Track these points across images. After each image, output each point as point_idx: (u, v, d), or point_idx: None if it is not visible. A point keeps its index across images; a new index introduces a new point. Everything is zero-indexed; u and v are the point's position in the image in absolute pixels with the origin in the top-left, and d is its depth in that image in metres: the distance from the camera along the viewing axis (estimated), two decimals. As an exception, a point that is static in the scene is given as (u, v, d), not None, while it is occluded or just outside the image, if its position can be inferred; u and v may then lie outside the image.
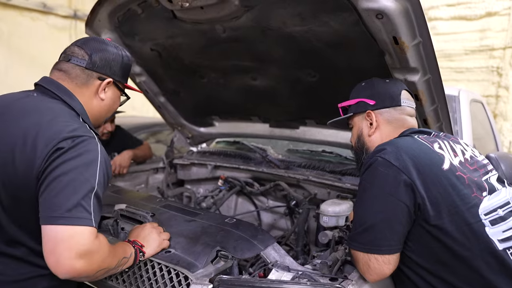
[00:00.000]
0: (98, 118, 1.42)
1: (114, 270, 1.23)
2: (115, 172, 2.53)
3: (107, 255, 1.15)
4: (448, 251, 1.14)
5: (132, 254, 1.30)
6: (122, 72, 1.43)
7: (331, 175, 2.19)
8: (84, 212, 1.09)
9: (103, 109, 1.42)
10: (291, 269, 1.29)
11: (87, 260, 1.07)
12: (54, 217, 1.07)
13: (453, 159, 1.25)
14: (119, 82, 1.43)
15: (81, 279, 1.15)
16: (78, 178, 1.10)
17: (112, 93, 1.42)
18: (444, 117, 1.76)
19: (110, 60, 1.38)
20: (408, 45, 1.46)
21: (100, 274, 1.17)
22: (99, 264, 1.12)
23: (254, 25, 1.77)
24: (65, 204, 1.07)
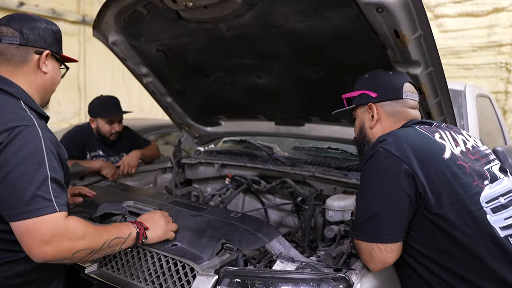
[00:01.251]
0: (44, 93, 1.40)
1: (102, 251, 1.25)
2: (123, 171, 2.57)
3: (81, 236, 1.17)
4: (450, 239, 1.15)
5: (132, 234, 1.32)
6: (56, 42, 1.40)
7: (337, 171, 2.20)
8: (43, 202, 1.12)
9: (48, 83, 1.39)
10: (295, 260, 1.30)
11: (56, 244, 1.11)
12: (15, 214, 1.11)
13: (454, 148, 1.25)
14: (56, 53, 1.40)
15: (61, 261, 1.18)
16: (27, 172, 1.12)
17: (53, 65, 1.39)
18: (448, 110, 1.77)
19: (42, 32, 1.34)
20: (409, 38, 1.47)
21: (82, 255, 1.20)
22: (71, 246, 1.15)
23: (257, 23, 1.79)
24: (22, 199, 1.11)
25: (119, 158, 2.72)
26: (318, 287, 1.15)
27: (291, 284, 1.18)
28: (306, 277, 1.18)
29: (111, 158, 2.71)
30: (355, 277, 1.18)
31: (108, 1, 2.05)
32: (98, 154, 2.67)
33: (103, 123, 2.64)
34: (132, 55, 2.40)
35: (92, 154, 2.65)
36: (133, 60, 2.43)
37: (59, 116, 6.17)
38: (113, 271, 1.48)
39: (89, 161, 2.54)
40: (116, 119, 2.66)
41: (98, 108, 2.65)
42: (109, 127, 2.64)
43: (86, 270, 1.50)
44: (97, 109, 2.66)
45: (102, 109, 2.64)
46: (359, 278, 1.18)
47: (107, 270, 1.49)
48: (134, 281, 1.41)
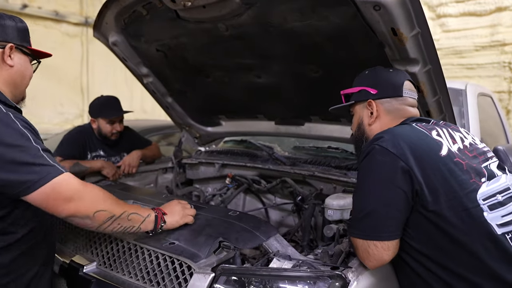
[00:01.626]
0: (14, 87, 1.39)
1: (122, 221, 1.31)
2: (124, 171, 2.58)
3: (101, 198, 1.29)
4: (446, 237, 1.14)
5: (150, 216, 1.39)
6: (21, 35, 1.39)
7: (336, 170, 2.19)
8: (48, 168, 1.20)
9: (16, 76, 1.39)
10: (292, 258, 1.30)
11: (77, 201, 1.22)
12: (28, 187, 1.17)
13: (451, 145, 1.25)
14: (22, 46, 1.40)
15: (85, 221, 1.25)
16: (19, 150, 1.18)
17: (19, 58, 1.39)
18: (447, 108, 1.76)
19: (5, 26, 1.35)
20: (406, 36, 1.47)
21: (103, 217, 1.27)
22: (92, 204, 1.25)
23: (255, 22, 1.80)
24: (30, 176, 1.17)
25: (120, 158, 2.73)
26: (314, 284, 1.15)
27: (288, 281, 1.18)
28: (303, 274, 1.18)
29: (112, 158, 2.72)
30: (351, 275, 1.18)
31: (108, 1, 2.06)
32: (99, 154, 2.68)
33: (104, 123, 2.65)
34: (132, 56, 2.41)
35: (93, 154, 2.66)
36: (133, 60, 2.44)
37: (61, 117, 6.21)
38: (111, 269, 1.48)
39: (90, 161, 2.55)
40: (117, 119, 2.67)
41: (99, 108, 2.66)
42: (110, 127, 2.65)
43: (85, 269, 1.50)
44: (98, 109, 2.67)
45: (103, 109, 2.65)
46: (355, 276, 1.18)
47: (105, 269, 1.50)
48: (132, 279, 1.41)
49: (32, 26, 5.95)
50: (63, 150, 2.53)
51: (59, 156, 2.46)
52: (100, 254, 1.54)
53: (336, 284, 1.15)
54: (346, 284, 1.16)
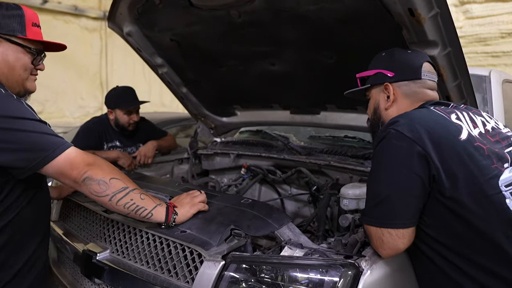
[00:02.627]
0: (5, 78, 1.34)
1: (134, 197, 1.35)
2: (140, 162, 2.59)
3: (114, 169, 1.37)
4: (465, 224, 1.09)
5: (162, 205, 1.41)
6: (10, 24, 1.31)
7: (353, 160, 2.14)
8: (61, 139, 1.27)
9: (2, 67, 1.32)
10: (304, 247, 1.27)
11: (95, 166, 1.31)
12: (45, 157, 1.21)
13: (471, 129, 1.19)
14: (9, 35, 1.31)
15: (102, 188, 1.30)
16: (28, 125, 1.21)
17: (6, 48, 1.31)
18: (468, 93, 1.68)
19: None
20: (424, 17, 1.40)
21: (118, 185, 1.33)
22: (109, 170, 1.34)
23: (268, 7, 1.76)
24: (43, 144, 1.22)
25: (136, 149, 2.75)
26: (326, 273, 1.12)
27: (299, 269, 1.15)
28: (314, 263, 1.15)
29: (128, 148, 2.74)
30: (365, 264, 1.14)
31: (122, -9, 2.06)
32: (115, 145, 2.70)
33: (121, 114, 2.66)
34: (146, 46, 2.41)
35: (109, 145, 2.69)
36: (147, 50, 2.43)
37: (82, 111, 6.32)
38: (123, 257, 1.49)
39: (106, 152, 2.57)
40: (134, 110, 2.68)
41: (116, 99, 2.68)
42: (127, 118, 2.67)
43: (98, 256, 1.51)
44: (114, 101, 2.68)
45: (120, 100, 2.67)
46: (369, 265, 1.14)
47: (118, 256, 1.51)
48: (144, 266, 1.41)
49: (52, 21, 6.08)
50: (79, 141, 2.55)
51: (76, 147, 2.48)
52: (113, 242, 1.54)
53: (348, 272, 1.11)
54: (359, 273, 1.12)
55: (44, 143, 1.23)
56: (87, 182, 1.28)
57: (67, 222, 1.90)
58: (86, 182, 1.28)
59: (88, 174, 1.28)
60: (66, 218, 1.92)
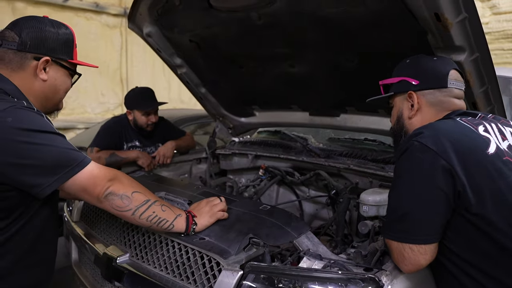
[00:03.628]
0: (45, 100, 1.36)
1: (156, 209, 1.35)
2: (159, 162, 2.61)
3: (135, 182, 1.36)
4: (492, 243, 1.05)
5: (182, 215, 1.41)
6: (61, 48, 1.32)
7: (373, 164, 2.10)
8: (81, 154, 1.24)
9: (48, 90, 1.34)
10: (323, 258, 1.25)
11: (116, 181, 1.30)
12: (66, 172, 1.20)
13: (500, 142, 1.14)
14: (61, 60, 1.34)
15: (125, 203, 1.29)
16: (48, 140, 1.19)
17: (56, 72, 1.34)
18: (496, 99, 1.63)
19: (44, 38, 1.28)
20: (452, 22, 1.35)
21: (140, 199, 1.32)
22: (129, 184, 1.33)
23: (288, 10, 1.74)
24: (64, 160, 1.21)
25: (155, 149, 2.77)
26: (346, 287, 1.10)
27: (318, 283, 1.13)
28: (333, 276, 1.13)
29: (147, 148, 2.76)
30: (385, 278, 1.12)
31: (142, -7, 2.07)
32: (134, 145, 2.73)
33: (140, 114, 2.69)
34: (166, 46, 2.42)
35: (129, 145, 2.72)
36: (167, 51, 2.44)
37: (103, 107, 6.41)
38: (143, 261, 1.50)
39: (125, 152, 2.60)
40: (152, 111, 2.70)
41: (134, 100, 2.70)
42: (145, 119, 2.69)
43: (118, 260, 1.53)
44: (133, 102, 2.71)
45: (138, 101, 2.69)
46: (389, 280, 1.12)
47: (137, 261, 1.52)
48: (162, 272, 1.42)
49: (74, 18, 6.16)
50: (100, 141, 2.59)
51: (96, 147, 2.52)
52: (133, 246, 1.56)
53: (368, 287, 1.09)
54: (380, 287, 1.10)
55: (65, 158, 1.21)
56: (109, 197, 1.27)
57: (88, 223, 1.92)
58: (108, 198, 1.27)
59: (110, 190, 1.27)
60: (86, 219, 1.95)
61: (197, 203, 1.53)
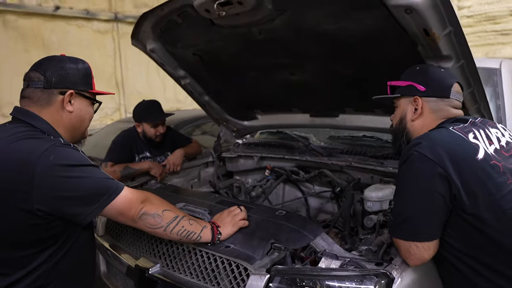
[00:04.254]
0: (73, 131, 1.47)
1: (185, 223, 1.50)
2: (170, 170, 2.75)
3: (162, 200, 1.51)
4: (485, 237, 1.22)
5: (207, 227, 1.56)
6: (82, 80, 1.45)
7: (373, 160, 2.26)
8: (113, 181, 1.38)
9: (75, 121, 1.46)
10: (339, 257, 1.41)
11: (147, 203, 1.44)
12: (104, 200, 1.33)
13: (487, 148, 1.30)
14: (83, 91, 1.45)
15: (157, 221, 1.45)
16: (86, 170, 1.33)
17: (80, 103, 1.45)
18: (481, 98, 1.78)
19: (66, 74, 1.40)
20: (439, 36, 1.49)
21: (170, 216, 1.48)
22: (159, 203, 1.48)
23: (288, 26, 1.85)
24: (102, 188, 1.35)
25: (164, 158, 2.90)
26: (362, 283, 1.26)
27: (336, 281, 1.30)
28: (350, 274, 1.29)
29: (157, 158, 2.89)
30: (395, 272, 1.28)
31: (146, 12, 2.17)
32: (145, 156, 2.86)
33: (148, 127, 2.81)
34: (169, 61, 2.52)
35: (140, 156, 2.84)
36: (171, 65, 2.54)
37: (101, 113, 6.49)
38: (174, 270, 1.65)
39: (138, 163, 2.73)
40: (159, 122, 2.82)
41: (142, 113, 2.82)
42: (154, 130, 2.81)
43: (150, 270, 1.67)
44: (141, 115, 2.83)
45: (146, 114, 2.81)
46: (399, 273, 1.28)
47: (168, 270, 1.67)
48: (194, 279, 1.57)
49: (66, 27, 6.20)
50: (113, 155, 2.71)
51: (111, 161, 2.65)
52: (163, 257, 1.70)
53: (382, 282, 1.25)
54: (391, 281, 1.26)
55: (102, 187, 1.35)
56: (143, 217, 1.43)
57: (113, 237, 2.06)
58: (142, 218, 1.43)
59: (144, 210, 1.42)
60: (112, 233, 2.09)
61: (219, 214, 1.67)
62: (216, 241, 1.56)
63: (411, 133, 1.51)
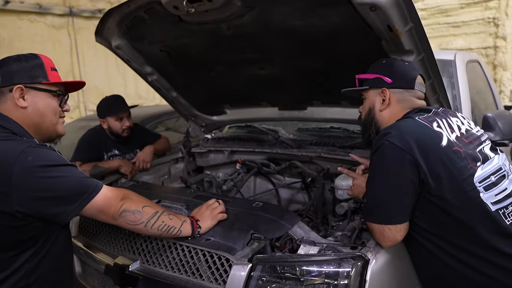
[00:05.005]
0: (36, 126, 1.42)
1: (165, 219, 1.52)
2: (139, 167, 2.72)
3: (140, 197, 1.52)
4: (448, 216, 1.33)
5: (187, 221, 1.58)
6: (31, 73, 1.39)
7: (341, 150, 2.35)
8: (92, 180, 1.40)
9: (34, 116, 1.40)
10: (316, 243, 1.49)
11: (127, 200, 1.46)
12: (84, 199, 1.34)
13: (450, 135, 1.41)
14: (34, 83, 1.39)
15: (137, 217, 1.46)
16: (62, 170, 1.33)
17: (34, 96, 1.40)
18: (440, 89, 1.91)
19: (12, 70, 1.38)
20: (401, 32, 1.59)
21: (150, 212, 1.49)
22: (138, 200, 1.49)
23: (257, 22, 1.89)
24: (83, 187, 1.36)
25: (133, 155, 2.86)
26: (340, 266, 1.34)
27: (316, 265, 1.37)
28: (329, 258, 1.37)
29: (127, 155, 2.86)
30: (370, 254, 1.37)
31: (111, 9, 2.13)
32: (114, 154, 2.82)
33: (113, 121, 2.75)
34: (136, 57, 2.49)
35: (108, 154, 2.79)
36: (137, 61, 2.51)
37: (59, 111, 6.24)
38: (154, 266, 1.66)
39: (107, 162, 2.68)
40: (124, 115, 2.77)
41: (105, 108, 2.77)
42: (119, 124, 2.76)
43: (130, 267, 1.68)
44: (104, 109, 2.77)
45: (109, 108, 2.76)
46: (373, 255, 1.37)
47: (149, 266, 1.68)
48: (176, 273, 1.59)
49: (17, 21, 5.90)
50: (81, 155, 2.65)
51: (79, 161, 2.59)
52: (142, 253, 1.71)
53: (358, 263, 1.34)
54: (367, 262, 1.35)
55: (81, 186, 1.35)
56: (123, 214, 1.44)
57: (88, 237, 2.04)
58: (122, 215, 1.44)
59: (124, 207, 1.44)
60: (85, 233, 2.06)
61: (197, 208, 1.70)
62: (196, 235, 1.59)
63: (380, 123, 1.61)
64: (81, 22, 6.18)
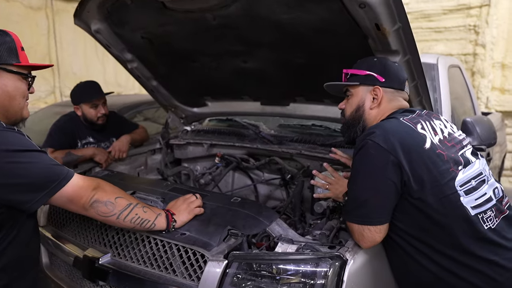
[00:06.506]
0: (4, 109, 1.35)
1: (138, 211, 1.46)
2: (115, 157, 2.64)
3: (115, 188, 1.47)
4: (429, 219, 1.32)
5: (162, 214, 1.52)
6: (3, 54, 1.32)
7: (322, 148, 2.33)
8: (64, 168, 1.34)
9: (3, 98, 1.33)
10: (294, 242, 1.46)
11: (100, 189, 1.40)
12: (54, 186, 1.29)
13: (433, 138, 1.40)
14: (6, 65, 1.32)
15: (109, 208, 1.40)
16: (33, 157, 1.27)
17: (3, 79, 1.32)
18: (423, 91, 1.91)
19: None
20: (389, 31, 1.58)
21: (123, 203, 1.43)
22: (111, 190, 1.44)
23: (243, 13, 1.85)
24: (50, 176, 1.29)
25: (109, 144, 2.78)
26: (317, 265, 1.32)
27: (293, 264, 1.34)
28: (306, 257, 1.34)
29: (102, 144, 2.76)
30: (348, 254, 1.35)
31: (91, -9, 2.05)
32: (88, 141, 2.72)
33: (87, 107, 2.66)
34: (116, 42, 2.41)
35: (83, 142, 2.70)
36: (117, 47, 2.43)
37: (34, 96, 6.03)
38: (126, 259, 1.60)
39: (81, 149, 2.59)
40: (99, 102, 2.67)
41: (79, 94, 2.67)
42: (94, 111, 2.66)
43: (100, 260, 1.61)
44: (78, 96, 2.67)
45: (83, 94, 2.66)
46: (352, 255, 1.35)
47: (120, 259, 1.62)
48: (148, 268, 1.54)
49: (-8, 0, 5.63)
50: (53, 141, 2.55)
51: (50, 147, 2.48)
52: (114, 246, 1.65)
53: (336, 263, 1.31)
54: (344, 262, 1.33)
55: (51, 173, 1.28)
56: (94, 205, 1.37)
57: (57, 227, 1.96)
58: (94, 205, 1.37)
59: (95, 198, 1.37)
60: (55, 223, 1.98)
61: (174, 201, 1.64)
62: (171, 229, 1.54)
63: (367, 121, 1.59)
64: (60, 4, 5.95)
